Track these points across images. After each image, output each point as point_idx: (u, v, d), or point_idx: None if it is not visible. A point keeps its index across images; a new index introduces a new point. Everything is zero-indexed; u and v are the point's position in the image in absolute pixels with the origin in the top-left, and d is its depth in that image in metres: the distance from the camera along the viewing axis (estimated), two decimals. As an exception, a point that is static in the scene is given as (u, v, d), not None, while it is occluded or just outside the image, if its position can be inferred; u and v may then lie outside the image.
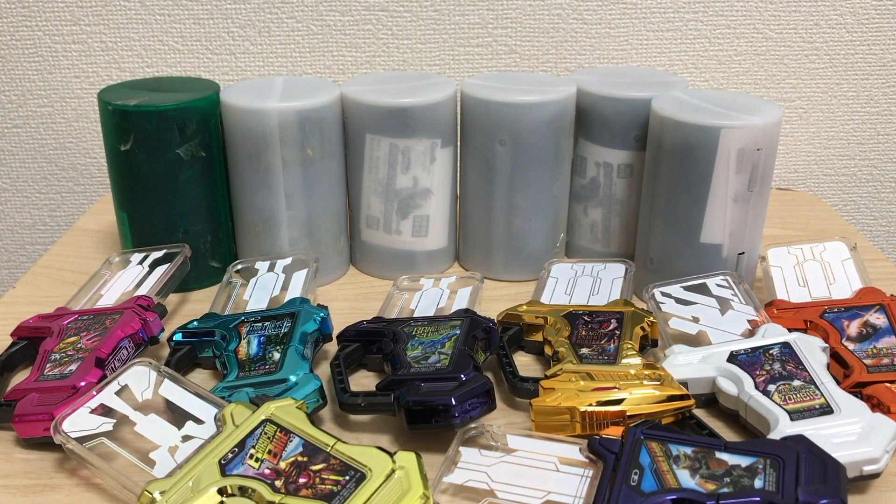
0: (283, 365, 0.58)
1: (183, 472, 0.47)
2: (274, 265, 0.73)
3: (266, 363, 0.59)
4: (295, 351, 0.60)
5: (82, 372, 0.57)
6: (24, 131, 0.99)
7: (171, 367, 0.60)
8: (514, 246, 0.77)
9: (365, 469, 0.48)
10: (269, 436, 0.50)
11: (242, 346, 0.61)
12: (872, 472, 0.49)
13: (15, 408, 0.55)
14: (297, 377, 0.57)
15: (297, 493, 0.46)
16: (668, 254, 0.72)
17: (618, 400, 0.53)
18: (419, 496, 0.46)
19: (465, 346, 0.59)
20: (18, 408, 0.55)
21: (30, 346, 0.64)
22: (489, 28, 0.95)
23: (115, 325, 0.62)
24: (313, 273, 0.71)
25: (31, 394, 0.56)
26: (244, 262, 0.74)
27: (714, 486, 0.45)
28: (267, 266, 0.73)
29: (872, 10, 0.96)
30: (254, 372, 0.58)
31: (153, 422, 0.53)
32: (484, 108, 0.72)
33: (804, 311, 0.65)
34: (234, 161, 0.73)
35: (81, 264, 0.80)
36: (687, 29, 0.96)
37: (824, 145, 1.03)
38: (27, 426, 0.54)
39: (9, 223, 1.05)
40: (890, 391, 0.55)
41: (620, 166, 0.76)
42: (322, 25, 0.94)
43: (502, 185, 0.74)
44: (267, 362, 0.59)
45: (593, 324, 0.63)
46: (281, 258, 0.73)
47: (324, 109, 0.72)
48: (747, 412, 0.55)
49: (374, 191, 0.75)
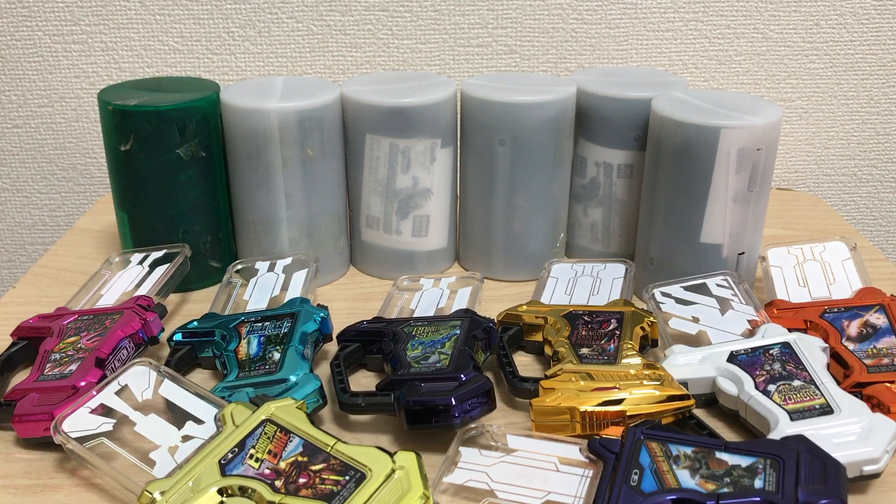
0: (283, 365, 0.58)
1: (183, 472, 0.47)
2: (274, 265, 0.73)
3: (266, 363, 0.59)
4: (295, 351, 0.60)
5: (82, 372, 0.57)
6: (24, 131, 0.99)
7: (171, 366, 0.60)
8: (515, 246, 0.77)
9: (365, 469, 0.47)
10: (269, 436, 0.50)
11: (242, 346, 0.61)
12: (872, 472, 0.49)
13: (15, 408, 0.55)
14: (297, 377, 0.57)
15: (297, 494, 0.46)
16: (668, 254, 0.72)
17: (618, 400, 0.53)
18: (419, 496, 0.46)
19: (465, 346, 0.59)
20: (18, 408, 0.55)
21: (29, 346, 0.64)
22: (489, 28, 0.95)
23: (115, 324, 0.62)
24: (313, 273, 0.71)
25: (32, 394, 0.56)
26: (244, 262, 0.74)
27: (714, 486, 0.45)
28: (267, 266, 0.73)
29: (872, 10, 0.96)
30: (254, 372, 0.58)
31: (153, 422, 0.53)
32: (484, 109, 0.72)
33: (804, 311, 0.65)
34: (235, 161, 0.73)
35: (81, 264, 0.80)
36: (687, 29, 0.96)
37: (824, 145, 1.03)
38: (27, 426, 0.54)
39: (9, 223, 1.05)
40: (890, 391, 0.55)
41: (620, 166, 0.76)
42: (322, 25, 0.94)
43: (502, 186, 0.74)
44: (267, 362, 0.59)
45: (593, 324, 0.63)
46: (281, 258, 0.73)
47: (324, 109, 0.72)
48: (747, 412, 0.55)
49: (374, 191, 0.75)
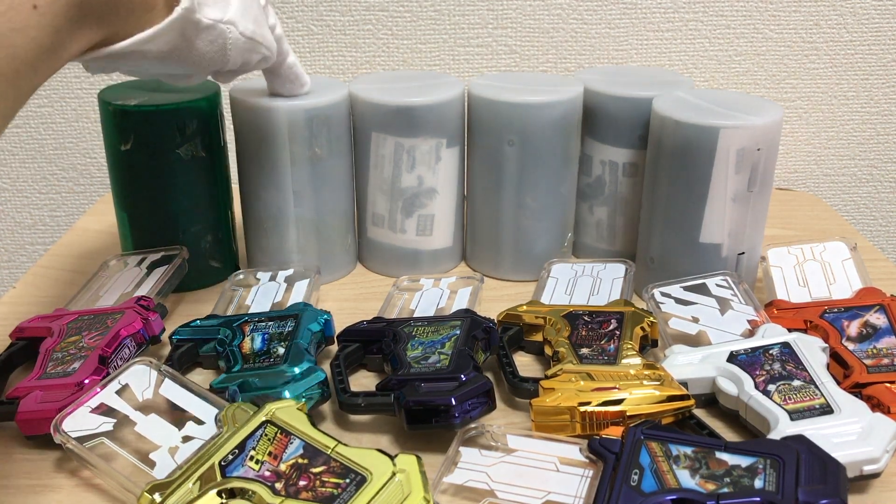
0: (287, 358, 0.58)
1: (183, 474, 0.47)
2: (276, 276, 0.72)
3: (270, 356, 0.59)
4: (300, 345, 0.60)
5: (86, 369, 0.57)
6: (24, 131, 0.99)
7: (172, 363, 0.60)
8: (522, 246, 0.77)
9: (365, 472, 0.47)
10: (270, 437, 0.50)
11: (246, 342, 0.61)
12: (872, 472, 0.49)
13: (18, 405, 0.55)
14: (302, 369, 0.57)
15: (297, 496, 0.46)
16: (668, 253, 0.72)
17: (618, 400, 0.53)
18: (420, 499, 0.46)
19: (465, 346, 0.59)
20: (22, 405, 0.55)
21: (29, 346, 0.64)
22: (489, 28, 0.95)
23: (116, 323, 0.62)
24: (315, 283, 0.71)
25: (35, 391, 0.56)
26: (245, 272, 0.74)
27: (714, 486, 0.45)
28: (268, 276, 0.72)
29: (872, 10, 0.96)
30: (258, 364, 0.58)
31: (153, 422, 0.53)
32: (492, 109, 0.72)
33: (804, 311, 0.65)
34: (243, 158, 0.73)
35: (81, 264, 0.80)
36: (687, 29, 0.96)
37: (824, 145, 1.03)
38: (31, 424, 0.54)
39: (9, 223, 1.05)
40: (890, 391, 0.55)
41: (626, 165, 0.76)
42: (322, 25, 0.94)
43: (511, 186, 0.74)
44: (271, 355, 0.59)
45: (593, 324, 0.63)
46: (283, 269, 0.73)
47: (332, 108, 0.72)
48: (747, 412, 0.55)
49: (380, 189, 0.75)
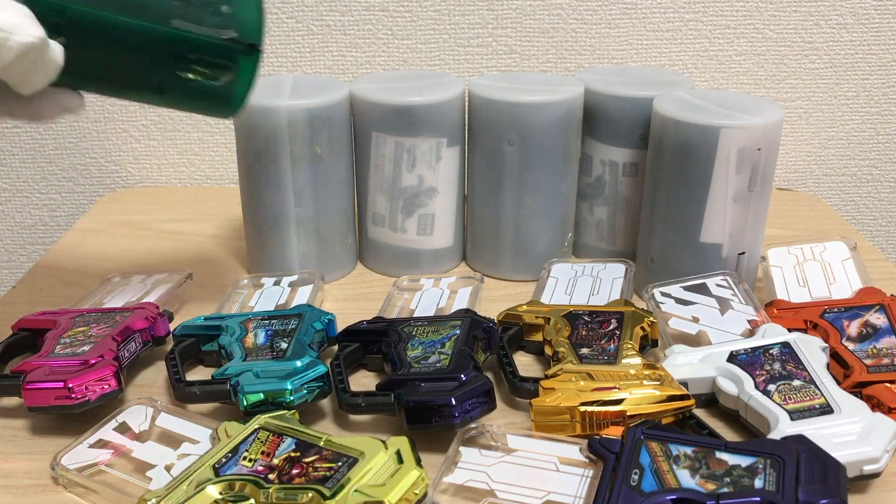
0: (290, 352, 0.58)
1: (178, 480, 0.48)
2: (280, 281, 0.72)
3: (273, 350, 0.59)
4: (303, 340, 0.60)
5: (97, 350, 0.57)
6: (24, 131, 0.99)
7: (174, 356, 0.60)
8: (523, 245, 0.77)
9: (357, 454, 0.48)
10: (262, 440, 0.50)
11: (249, 337, 0.61)
12: (872, 472, 0.49)
13: (26, 376, 0.54)
14: (304, 362, 0.57)
15: (290, 483, 0.47)
16: (668, 253, 0.72)
17: (618, 400, 0.53)
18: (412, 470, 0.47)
19: (466, 346, 0.59)
20: (30, 376, 0.54)
21: (31, 337, 0.63)
22: (489, 28, 0.95)
23: (125, 319, 0.62)
24: (319, 289, 0.71)
25: (44, 367, 0.55)
26: (249, 277, 0.74)
27: (714, 486, 0.45)
28: (273, 281, 0.73)
29: (872, 10, 0.96)
30: (260, 357, 0.58)
31: (150, 447, 0.53)
32: (493, 108, 0.72)
33: (804, 311, 0.65)
34: (244, 158, 0.73)
35: (81, 264, 0.80)
36: (687, 29, 0.96)
37: (824, 145, 1.03)
38: (37, 394, 0.53)
39: (9, 223, 1.05)
40: (890, 391, 0.55)
41: (626, 164, 0.76)
42: (322, 25, 0.94)
43: (511, 185, 0.74)
44: (274, 349, 0.59)
45: (593, 324, 0.63)
46: (287, 275, 0.73)
47: (332, 107, 0.72)
48: (747, 412, 0.55)
49: (380, 189, 0.75)
